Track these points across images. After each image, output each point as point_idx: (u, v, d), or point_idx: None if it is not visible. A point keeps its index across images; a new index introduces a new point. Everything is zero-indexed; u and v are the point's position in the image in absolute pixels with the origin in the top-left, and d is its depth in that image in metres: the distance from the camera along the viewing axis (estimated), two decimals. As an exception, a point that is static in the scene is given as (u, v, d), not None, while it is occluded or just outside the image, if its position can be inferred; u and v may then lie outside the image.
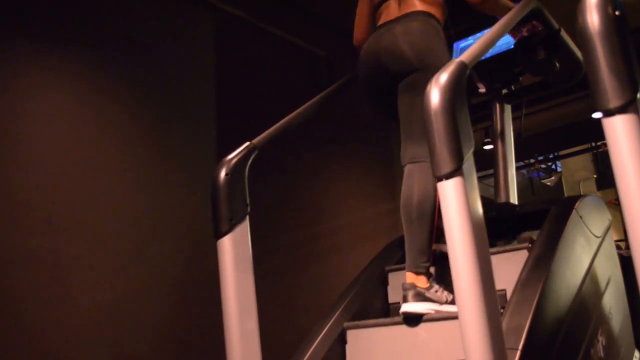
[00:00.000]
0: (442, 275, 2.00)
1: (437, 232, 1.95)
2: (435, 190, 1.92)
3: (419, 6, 2.10)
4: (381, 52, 2.10)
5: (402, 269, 2.07)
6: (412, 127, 2.05)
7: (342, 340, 2.08)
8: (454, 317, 1.69)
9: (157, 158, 3.21)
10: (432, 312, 1.86)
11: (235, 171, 1.83)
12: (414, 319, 1.88)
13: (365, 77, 2.22)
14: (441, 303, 1.89)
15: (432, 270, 1.99)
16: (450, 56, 2.12)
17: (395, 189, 4.51)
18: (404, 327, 1.90)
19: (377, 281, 2.32)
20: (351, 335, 2.08)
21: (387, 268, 2.36)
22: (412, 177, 2.01)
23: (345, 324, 2.09)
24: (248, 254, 1.79)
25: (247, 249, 1.79)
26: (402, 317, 1.90)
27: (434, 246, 1.97)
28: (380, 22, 2.21)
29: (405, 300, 1.89)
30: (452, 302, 1.90)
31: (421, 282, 1.92)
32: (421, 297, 1.87)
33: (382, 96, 2.21)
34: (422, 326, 1.86)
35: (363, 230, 4.34)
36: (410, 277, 1.94)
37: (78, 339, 2.62)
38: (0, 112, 2.62)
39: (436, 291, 1.91)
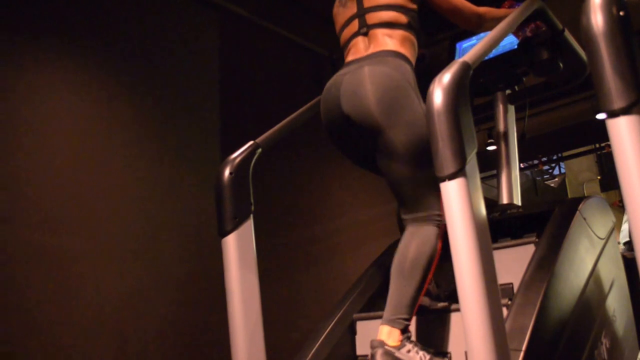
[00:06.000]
0: (422, 333, 1.91)
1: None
2: (437, 246, 1.78)
3: (390, 45, 1.88)
4: (343, 98, 1.84)
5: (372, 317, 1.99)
6: (402, 189, 1.86)
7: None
8: None
9: (162, 156, 3.24)
10: None
11: (239, 170, 1.83)
12: None
13: (326, 119, 1.96)
14: None
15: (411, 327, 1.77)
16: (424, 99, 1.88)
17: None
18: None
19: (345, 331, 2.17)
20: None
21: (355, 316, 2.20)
22: (412, 235, 1.81)
23: None
24: (252, 252, 1.79)
25: (252, 247, 1.80)
26: None
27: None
28: (348, 59, 1.98)
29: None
30: None
31: (393, 338, 1.67)
32: (390, 357, 1.64)
33: (345, 140, 1.95)
34: None
35: (364, 231, 4.35)
36: (382, 332, 1.70)
37: (84, 334, 2.66)
38: (8, 109, 2.65)
39: (408, 351, 1.67)
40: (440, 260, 1.86)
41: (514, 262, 1.96)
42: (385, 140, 1.78)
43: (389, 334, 1.69)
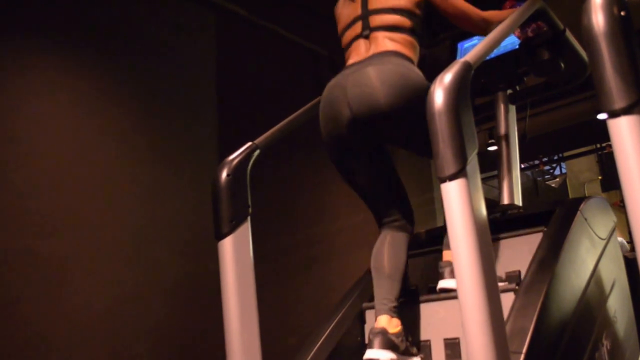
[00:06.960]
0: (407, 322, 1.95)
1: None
2: (406, 248, 1.99)
3: (391, 46, 1.90)
4: (351, 97, 1.85)
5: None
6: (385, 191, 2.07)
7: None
8: None
9: (157, 157, 3.19)
10: None
11: (237, 172, 1.82)
12: None
13: (329, 123, 1.95)
14: (400, 351, 1.80)
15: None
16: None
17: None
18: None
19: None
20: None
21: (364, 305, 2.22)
22: (385, 239, 2.02)
23: None
24: (249, 255, 1.78)
25: (248, 250, 1.78)
26: None
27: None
28: (350, 62, 1.99)
29: (371, 345, 1.76)
30: (409, 353, 1.83)
31: (393, 325, 1.82)
32: (389, 343, 1.76)
33: (345, 147, 1.96)
34: None
35: (363, 233, 4.31)
36: (381, 320, 1.82)
37: (74, 339, 2.61)
38: (-1, 110, 2.59)
39: (402, 340, 1.82)
40: (408, 304, 2.00)
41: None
42: (395, 130, 1.85)
43: (388, 322, 1.82)
